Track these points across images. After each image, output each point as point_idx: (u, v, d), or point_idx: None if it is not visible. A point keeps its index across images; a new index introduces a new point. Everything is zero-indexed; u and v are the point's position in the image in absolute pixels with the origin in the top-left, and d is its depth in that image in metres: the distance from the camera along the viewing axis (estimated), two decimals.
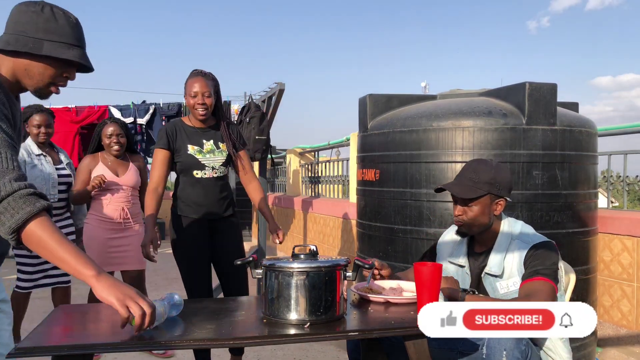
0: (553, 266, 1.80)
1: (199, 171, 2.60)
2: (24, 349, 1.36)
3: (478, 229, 1.92)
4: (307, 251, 1.69)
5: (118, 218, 3.21)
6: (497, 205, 1.90)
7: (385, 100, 3.21)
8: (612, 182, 4.21)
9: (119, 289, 1.32)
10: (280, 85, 4.75)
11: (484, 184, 1.87)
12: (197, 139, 2.63)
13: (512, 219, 1.99)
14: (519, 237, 1.89)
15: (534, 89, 2.69)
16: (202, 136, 2.64)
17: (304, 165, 7.93)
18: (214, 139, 2.66)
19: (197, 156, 2.60)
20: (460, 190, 1.90)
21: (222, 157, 2.65)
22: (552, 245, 1.86)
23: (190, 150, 2.60)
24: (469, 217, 1.90)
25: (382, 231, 3.04)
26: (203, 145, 2.62)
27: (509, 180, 1.93)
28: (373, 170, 3.10)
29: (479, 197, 1.87)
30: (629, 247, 3.53)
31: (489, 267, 1.89)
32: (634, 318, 3.49)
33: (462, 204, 1.91)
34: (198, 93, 2.54)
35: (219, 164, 2.64)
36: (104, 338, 1.49)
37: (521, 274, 1.84)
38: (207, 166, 2.61)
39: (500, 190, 1.89)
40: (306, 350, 3.41)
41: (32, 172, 3.15)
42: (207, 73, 2.61)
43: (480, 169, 1.91)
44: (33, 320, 3.49)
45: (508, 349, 1.55)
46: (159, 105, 7.06)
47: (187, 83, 2.58)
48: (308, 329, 1.55)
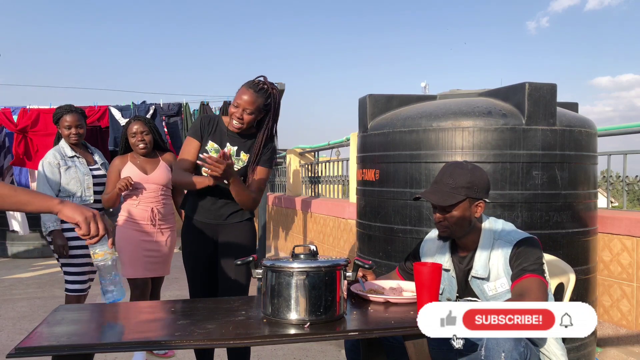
0: (538, 260, 1.80)
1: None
2: (24, 349, 1.36)
3: (460, 233, 1.92)
4: (307, 251, 1.69)
5: (147, 220, 3.07)
6: (476, 207, 1.90)
7: (385, 100, 3.21)
8: (611, 182, 4.21)
9: (84, 209, 1.49)
10: (280, 86, 4.75)
11: (461, 189, 1.86)
12: (222, 139, 2.48)
13: (492, 218, 1.99)
14: (501, 237, 1.89)
15: (534, 89, 2.69)
16: (229, 139, 2.48)
17: (304, 165, 7.93)
18: (240, 146, 2.48)
19: (212, 154, 2.43)
20: (438, 197, 1.89)
21: (237, 166, 2.47)
22: (534, 241, 1.86)
23: (208, 146, 2.46)
24: (449, 223, 1.89)
25: (382, 231, 3.04)
26: (225, 147, 2.47)
27: (486, 181, 1.93)
28: (373, 170, 3.10)
29: (457, 202, 1.87)
30: (629, 247, 3.53)
31: (475, 270, 1.89)
32: (634, 318, 3.49)
33: (442, 210, 1.90)
34: (240, 106, 2.37)
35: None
36: (104, 338, 1.50)
37: (508, 274, 1.84)
38: None
39: (478, 193, 1.88)
40: (306, 350, 3.41)
41: (66, 175, 3.13)
42: (262, 87, 2.39)
43: (456, 173, 1.90)
44: (33, 320, 3.50)
45: (507, 351, 1.55)
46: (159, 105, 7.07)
47: (239, 89, 2.40)
48: (308, 329, 1.55)
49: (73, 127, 3.17)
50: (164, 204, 3.14)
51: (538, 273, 1.77)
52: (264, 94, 2.39)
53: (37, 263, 7.06)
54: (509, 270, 1.84)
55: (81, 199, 3.14)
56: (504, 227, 1.93)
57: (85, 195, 3.15)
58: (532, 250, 1.82)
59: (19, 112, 5.58)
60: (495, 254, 1.88)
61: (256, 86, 2.38)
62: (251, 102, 2.35)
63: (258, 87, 2.38)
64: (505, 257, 1.85)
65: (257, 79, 2.43)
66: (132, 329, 1.66)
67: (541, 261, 1.81)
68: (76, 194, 3.12)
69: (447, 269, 1.98)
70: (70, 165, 3.16)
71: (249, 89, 2.37)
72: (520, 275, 1.77)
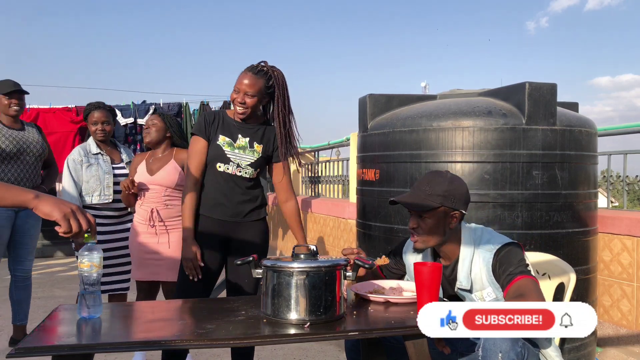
0: (522, 262, 1.79)
1: (222, 164, 2.35)
2: (24, 349, 1.36)
3: (433, 242, 1.90)
4: (307, 251, 1.69)
5: (148, 221, 2.96)
6: (451, 218, 1.87)
7: (385, 100, 3.21)
8: (612, 182, 4.22)
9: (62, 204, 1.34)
10: None
11: (437, 196, 1.85)
12: (233, 132, 2.38)
13: (472, 226, 1.97)
14: (481, 246, 1.87)
15: (534, 89, 2.69)
16: (239, 130, 2.39)
17: (304, 165, 7.93)
18: (252, 137, 2.40)
19: (225, 148, 2.35)
20: (413, 203, 1.89)
21: (252, 157, 2.38)
22: (514, 245, 1.85)
23: (220, 141, 2.36)
24: (423, 230, 1.88)
25: (382, 231, 3.04)
26: (237, 139, 2.38)
27: (463, 193, 1.91)
28: (373, 170, 3.10)
29: (431, 209, 1.85)
30: (629, 247, 3.53)
31: (459, 282, 1.88)
32: (634, 318, 3.49)
33: (416, 216, 1.89)
34: (240, 90, 2.30)
35: (247, 164, 2.37)
36: (104, 338, 1.50)
37: (492, 283, 1.83)
38: (232, 161, 2.35)
39: (454, 203, 1.86)
40: (306, 350, 3.41)
41: (87, 172, 3.12)
42: (261, 69, 2.33)
43: (434, 181, 1.89)
44: (33, 320, 3.50)
45: (504, 351, 1.54)
46: (159, 105, 7.07)
47: (238, 76, 2.33)
48: (308, 329, 1.55)
49: (100, 124, 3.17)
50: (166, 205, 2.96)
51: (526, 273, 1.76)
52: (264, 75, 2.32)
53: (37, 263, 7.03)
54: (492, 280, 1.83)
55: (100, 197, 3.13)
56: (483, 235, 1.91)
57: (104, 194, 3.13)
58: (513, 254, 1.81)
59: None
60: (477, 264, 1.86)
61: (255, 69, 2.32)
62: (251, 84, 2.29)
63: (257, 70, 2.32)
64: (487, 266, 1.83)
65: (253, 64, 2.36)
66: (132, 329, 1.66)
67: (525, 262, 1.80)
68: (95, 192, 3.12)
69: None
70: (93, 163, 3.15)
71: (248, 72, 2.31)
72: (510, 280, 1.76)
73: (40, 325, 1.57)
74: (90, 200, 3.13)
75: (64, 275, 6.23)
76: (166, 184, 2.94)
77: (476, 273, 1.86)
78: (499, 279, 1.81)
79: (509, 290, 1.75)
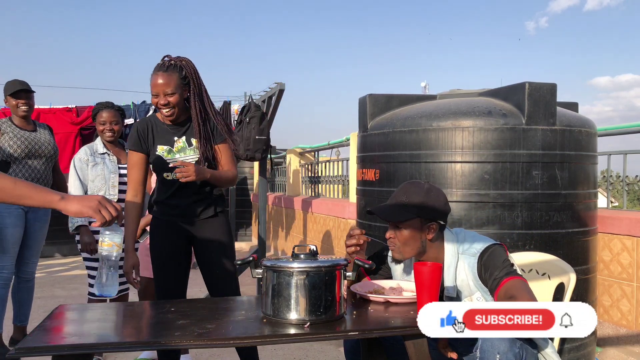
0: (506, 262, 1.78)
1: (169, 173, 2.34)
2: (24, 349, 1.36)
3: (410, 253, 1.89)
4: (307, 251, 1.69)
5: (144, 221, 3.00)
6: (429, 229, 1.86)
7: (385, 100, 3.21)
8: (611, 182, 4.22)
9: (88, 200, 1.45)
10: (280, 85, 4.75)
11: (413, 207, 1.85)
12: (168, 137, 2.39)
13: (454, 231, 1.95)
14: (464, 251, 1.86)
15: (534, 89, 2.69)
16: (173, 133, 2.39)
17: (304, 165, 7.93)
18: (187, 135, 2.40)
19: (165, 157, 2.37)
20: (388, 213, 1.89)
21: (195, 155, 2.39)
22: (495, 247, 1.84)
23: (159, 151, 2.38)
24: (399, 241, 1.87)
25: (382, 231, 3.01)
26: (174, 143, 2.38)
27: (441, 203, 1.89)
28: (373, 170, 3.10)
29: (407, 220, 1.85)
30: (629, 247, 3.53)
31: (447, 290, 1.87)
32: (634, 318, 3.49)
33: (393, 227, 1.89)
34: (159, 93, 2.27)
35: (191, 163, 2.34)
36: (104, 338, 1.50)
37: (480, 287, 1.82)
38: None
39: (430, 214, 1.85)
40: (306, 350, 3.41)
41: (92, 172, 3.12)
42: (170, 64, 2.30)
43: (411, 191, 1.89)
44: (33, 320, 3.50)
45: (501, 352, 1.54)
46: None
47: (150, 80, 2.30)
48: (308, 328, 1.55)
49: (108, 124, 3.15)
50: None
51: (513, 274, 1.75)
52: (174, 69, 2.29)
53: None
54: (480, 284, 1.82)
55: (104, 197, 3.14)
56: (465, 239, 1.90)
57: (109, 193, 3.12)
58: (496, 256, 1.80)
59: None
60: (461, 270, 1.85)
61: (163, 66, 2.29)
62: (167, 82, 2.26)
63: (165, 66, 2.29)
64: (473, 272, 1.83)
65: (158, 63, 2.33)
66: (132, 329, 1.66)
67: (509, 262, 1.79)
68: (100, 191, 3.11)
69: None
70: (98, 162, 3.15)
71: (159, 71, 2.28)
72: (498, 284, 1.75)
73: (40, 325, 1.57)
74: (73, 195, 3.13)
75: (64, 275, 6.23)
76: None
77: (462, 280, 1.85)
78: (486, 283, 1.80)
79: (499, 294, 1.74)
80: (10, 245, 3.18)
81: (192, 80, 2.34)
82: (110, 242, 1.62)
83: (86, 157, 3.15)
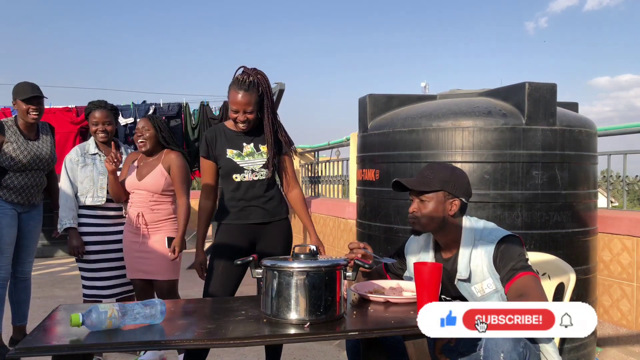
0: (522, 256, 1.80)
1: (238, 174, 2.47)
2: (24, 349, 1.36)
3: (431, 226, 1.92)
4: (307, 251, 1.70)
5: (136, 223, 2.98)
6: (451, 205, 1.90)
7: (385, 100, 3.21)
8: (611, 182, 4.22)
9: None
10: (280, 86, 4.75)
11: (438, 181, 1.90)
12: (237, 143, 2.50)
13: (474, 218, 1.99)
14: (482, 237, 1.89)
15: (534, 89, 2.69)
16: (242, 139, 2.50)
17: (304, 165, 7.93)
18: (255, 141, 2.51)
19: (235, 160, 2.47)
20: (414, 182, 1.93)
21: (262, 159, 2.49)
22: (515, 239, 1.86)
23: (229, 155, 2.48)
24: (422, 213, 1.90)
25: (382, 231, 3.04)
26: (243, 148, 2.49)
27: (465, 184, 1.94)
28: (373, 170, 3.10)
29: (432, 191, 1.89)
30: (629, 247, 3.53)
31: (459, 273, 1.89)
32: (634, 318, 3.49)
33: (417, 199, 1.92)
34: (239, 110, 2.38)
35: (259, 167, 2.48)
36: (104, 338, 1.50)
37: (493, 274, 1.83)
38: (246, 169, 2.47)
39: (454, 190, 1.90)
40: (306, 350, 3.41)
41: (82, 172, 3.10)
42: (250, 82, 2.38)
43: (437, 168, 1.96)
44: (33, 320, 3.50)
45: (505, 351, 1.54)
46: (159, 105, 7.06)
47: (230, 93, 2.40)
48: (308, 328, 1.55)
49: (100, 124, 3.12)
50: (151, 210, 2.96)
51: (527, 269, 1.77)
52: (253, 87, 2.38)
53: (37, 263, 7.01)
54: (493, 270, 1.83)
55: (93, 198, 3.10)
56: (485, 226, 1.94)
57: (97, 195, 3.10)
58: (514, 248, 1.82)
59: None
60: (477, 254, 1.87)
61: (244, 84, 2.37)
62: (247, 102, 2.36)
63: (247, 84, 2.37)
64: (488, 257, 1.84)
65: (239, 75, 2.40)
66: (132, 329, 1.66)
67: (525, 257, 1.82)
68: (88, 193, 3.09)
69: None
70: (88, 163, 3.12)
71: (239, 90, 2.37)
72: (512, 276, 1.77)
73: (40, 325, 1.57)
74: (84, 200, 3.11)
75: (64, 275, 6.23)
76: (152, 189, 2.95)
77: (477, 264, 1.86)
78: (499, 271, 1.82)
79: (511, 287, 1.76)
80: (6, 245, 3.17)
81: (267, 95, 2.45)
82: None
83: (77, 157, 3.13)
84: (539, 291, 1.70)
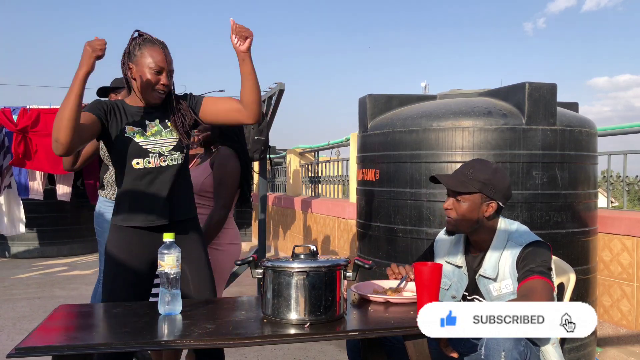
0: (545, 263, 1.79)
1: (140, 159, 1.93)
2: (24, 349, 1.36)
3: (465, 228, 1.90)
4: (307, 251, 1.69)
5: None
6: (488, 207, 1.87)
7: (385, 100, 3.21)
8: (612, 182, 4.21)
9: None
10: (280, 86, 4.74)
11: (477, 182, 1.86)
12: (139, 120, 1.96)
13: (509, 220, 1.98)
14: (512, 239, 1.88)
15: (534, 89, 2.69)
16: (144, 115, 1.98)
17: (304, 165, 7.93)
18: (160, 117, 1.99)
19: (136, 139, 1.93)
20: (452, 182, 1.90)
21: (172, 138, 1.97)
22: (543, 244, 1.85)
23: (128, 132, 1.93)
24: (457, 213, 1.89)
25: (382, 231, 3.03)
26: (146, 126, 1.96)
27: (505, 186, 1.91)
28: (373, 170, 3.10)
29: (469, 192, 1.86)
30: (629, 247, 3.53)
31: (484, 269, 1.88)
32: (634, 318, 3.49)
33: (453, 196, 1.90)
34: (164, 70, 1.92)
35: (169, 149, 1.96)
36: (104, 338, 1.50)
37: (513, 275, 1.83)
38: (151, 152, 1.94)
39: (492, 193, 1.86)
40: (306, 350, 3.41)
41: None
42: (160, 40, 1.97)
43: (478, 167, 1.91)
44: (33, 320, 3.50)
45: (506, 350, 1.54)
46: None
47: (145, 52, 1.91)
48: (308, 328, 1.55)
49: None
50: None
51: (544, 275, 1.75)
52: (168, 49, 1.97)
53: (37, 263, 7.06)
54: (514, 271, 1.83)
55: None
56: (518, 229, 1.92)
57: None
58: (539, 252, 1.81)
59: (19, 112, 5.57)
60: (505, 255, 1.87)
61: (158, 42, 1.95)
62: (171, 60, 1.96)
63: (161, 43, 1.96)
64: (513, 258, 1.84)
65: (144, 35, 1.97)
66: (132, 329, 1.66)
67: (548, 264, 1.79)
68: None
69: (460, 266, 1.97)
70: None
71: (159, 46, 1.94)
72: (526, 276, 1.76)
73: (40, 325, 1.57)
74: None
75: (64, 275, 6.23)
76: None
77: (502, 264, 1.86)
78: (519, 272, 1.82)
79: (521, 287, 1.76)
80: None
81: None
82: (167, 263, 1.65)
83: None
84: (544, 294, 1.69)
